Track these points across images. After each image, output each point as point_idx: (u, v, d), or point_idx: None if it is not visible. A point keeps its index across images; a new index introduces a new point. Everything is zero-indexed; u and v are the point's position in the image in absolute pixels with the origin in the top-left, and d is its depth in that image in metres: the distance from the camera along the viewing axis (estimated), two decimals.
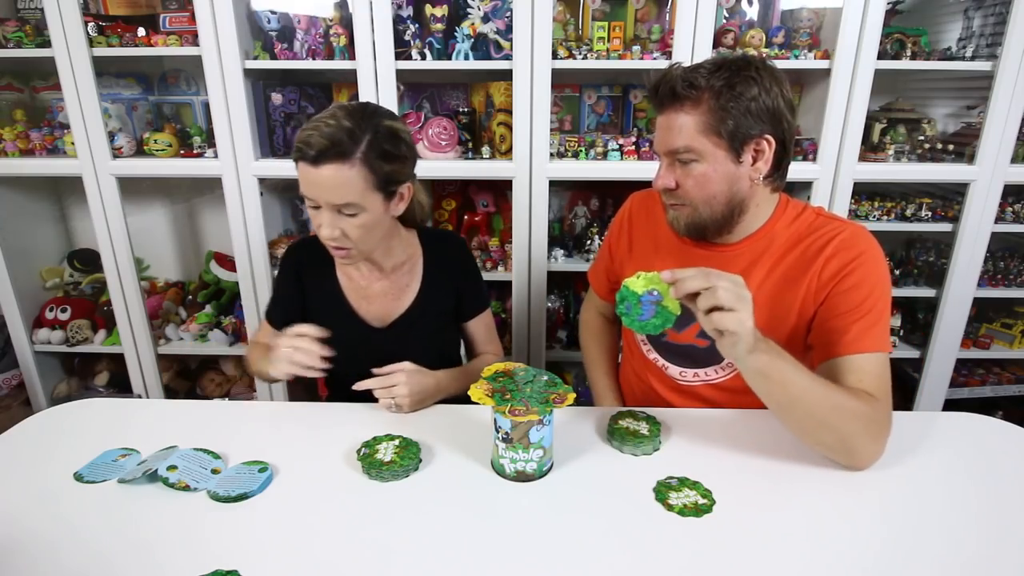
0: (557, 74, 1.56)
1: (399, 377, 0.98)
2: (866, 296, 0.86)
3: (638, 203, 1.13)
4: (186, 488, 0.79)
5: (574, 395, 0.80)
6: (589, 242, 1.81)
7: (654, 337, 1.06)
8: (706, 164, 0.87)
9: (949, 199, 1.75)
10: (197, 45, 1.56)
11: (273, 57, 1.62)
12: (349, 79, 1.70)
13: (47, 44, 1.59)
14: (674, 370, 1.05)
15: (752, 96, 0.84)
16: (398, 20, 1.56)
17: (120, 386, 2.04)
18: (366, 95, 1.58)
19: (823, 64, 1.57)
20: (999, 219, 1.69)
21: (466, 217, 1.90)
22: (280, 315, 1.16)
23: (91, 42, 1.59)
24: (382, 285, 1.12)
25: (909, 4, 1.76)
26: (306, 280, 1.14)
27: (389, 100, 1.58)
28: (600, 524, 0.73)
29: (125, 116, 1.81)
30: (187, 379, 2.09)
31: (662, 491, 0.78)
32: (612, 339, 1.28)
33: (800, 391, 0.78)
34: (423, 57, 1.59)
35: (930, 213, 1.74)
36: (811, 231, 0.93)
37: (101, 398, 1.68)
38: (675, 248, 1.03)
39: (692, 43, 1.51)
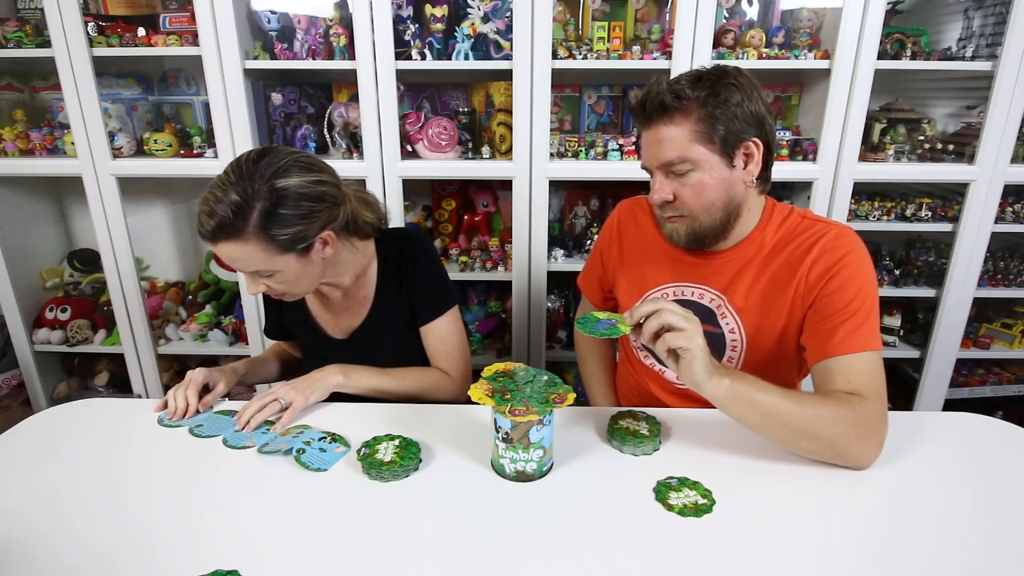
0: (557, 74, 1.56)
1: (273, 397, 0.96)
2: (853, 296, 0.87)
3: (626, 211, 1.13)
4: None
5: (574, 395, 0.80)
6: (589, 242, 1.81)
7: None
8: (702, 172, 0.88)
9: (949, 199, 1.75)
10: (197, 45, 1.56)
11: (273, 57, 1.62)
12: (349, 79, 1.71)
13: (47, 44, 1.59)
14: (671, 374, 1.05)
15: (737, 102, 0.86)
16: (398, 20, 1.56)
17: (120, 386, 2.04)
18: (366, 95, 1.58)
19: (823, 64, 1.57)
20: (999, 219, 1.69)
21: (466, 217, 1.90)
22: (269, 328, 1.25)
23: (91, 42, 1.59)
24: (342, 300, 1.11)
25: (909, 4, 1.76)
26: None
27: (389, 100, 1.58)
28: (600, 524, 0.73)
29: (125, 116, 1.81)
30: None
31: (662, 491, 0.78)
32: (608, 346, 1.28)
33: (769, 408, 0.79)
34: (423, 57, 1.59)
35: (930, 213, 1.74)
36: (797, 234, 0.94)
37: (101, 398, 1.68)
38: (666, 256, 1.03)
39: (692, 43, 1.51)
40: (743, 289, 0.97)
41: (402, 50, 1.57)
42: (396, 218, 1.69)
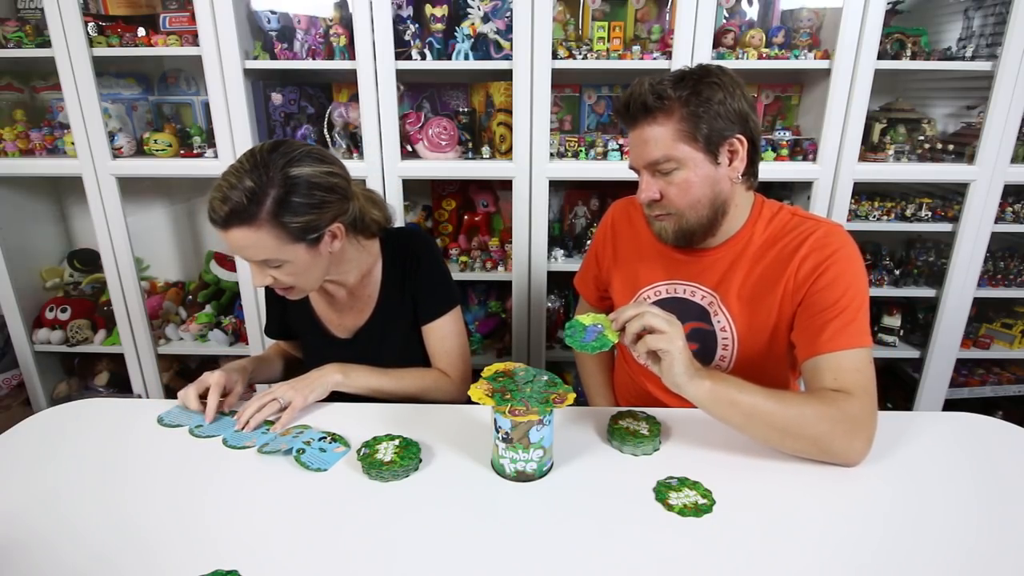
0: (557, 74, 1.56)
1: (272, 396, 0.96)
2: (842, 294, 0.87)
3: (619, 211, 1.14)
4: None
5: (574, 395, 0.81)
6: (589, 242, 1.81)
7: None
8: (687, 170, 0.89)
9: (949, 199, 1.75)
10: (197, 45, 1.56)
11: (273, 57, 1.62)
12: (349, 79, 1.71)
13: (47, 44, 1.59)
14: None
15: (719, 100, 0.87)
16: (398, 20, 1.56)
17: (120, 386, 2.04)
18: (366, 95, 1.58)
19: (823, 64, 1.57)
20: (999, 219, 1.69)
21: (466, 217, 1.90)
22: (271, 328, 1.25)
23: (91, 42, 1.59)
24: (347, 298, 1.11)
25: (909, 4, 1.75)
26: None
27: (389, 100, 1.58)
28: (600, 524, 0.73)
29: (125, 116, 1.81)
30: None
31: (662, 491, 0.78)
32: None
33: (751, 408, 0.80)
34: (423, 57, 1.59)
35: (930, 213, 1.74)
36: (786, 231, 0.95)
37: (101, 398, 1.68)
38: (658, 254, 1.04)
39: (692, 43, 1.51)
40: (735, 286, 0.97)
41: (402, 50, 1.57)
42: (396, 218, 1.69)
